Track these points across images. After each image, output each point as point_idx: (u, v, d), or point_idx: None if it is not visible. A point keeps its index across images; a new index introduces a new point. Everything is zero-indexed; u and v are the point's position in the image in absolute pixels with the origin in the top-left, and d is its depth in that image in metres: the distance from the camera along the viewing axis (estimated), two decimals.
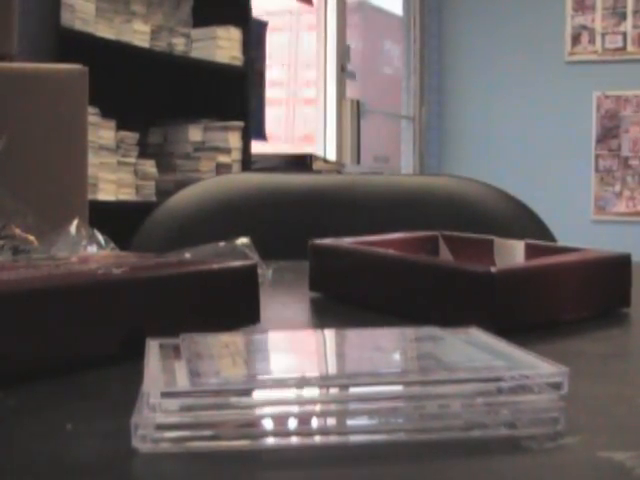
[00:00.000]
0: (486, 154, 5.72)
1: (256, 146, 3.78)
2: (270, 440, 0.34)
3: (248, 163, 3.60)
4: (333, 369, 0.41)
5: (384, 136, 5.86)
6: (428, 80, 5.84)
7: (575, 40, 5.59)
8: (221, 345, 0.42)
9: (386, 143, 5.89)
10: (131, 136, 3.21)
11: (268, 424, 0.34)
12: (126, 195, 3.15)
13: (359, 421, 0.34)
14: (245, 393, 0.34)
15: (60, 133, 0.86)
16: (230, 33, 3.52)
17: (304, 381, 0.35)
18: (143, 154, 3.31)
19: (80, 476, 0.31)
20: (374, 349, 0.43)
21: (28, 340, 0.44)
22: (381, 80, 5.63)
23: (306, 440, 0.34)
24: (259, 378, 0.36)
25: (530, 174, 5.51)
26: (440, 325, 0.44)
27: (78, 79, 0.87)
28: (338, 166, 4.22)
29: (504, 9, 5.69)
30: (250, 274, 0.56)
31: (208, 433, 0.33)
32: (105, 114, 3.01)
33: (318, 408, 0.34)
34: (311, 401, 0.34)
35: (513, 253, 0.72)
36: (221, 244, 0.72)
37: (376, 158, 5.67)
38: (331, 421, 0.35)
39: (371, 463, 0.32)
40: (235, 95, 3.57)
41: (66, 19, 2.86)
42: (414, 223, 0.89)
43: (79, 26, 2.91)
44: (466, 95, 5.83)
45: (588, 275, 0.62)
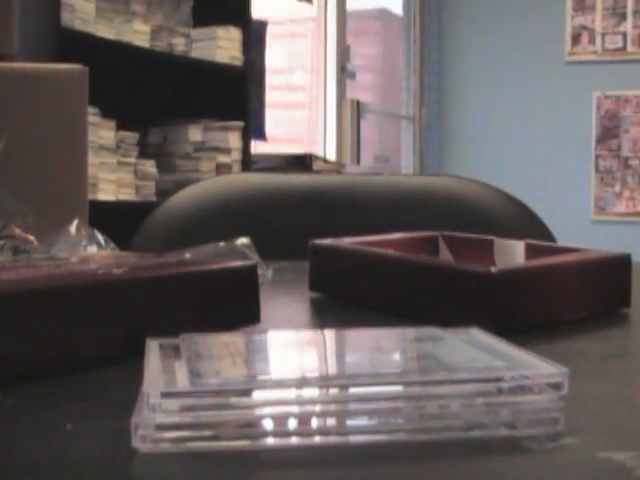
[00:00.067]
0: (486, 154, 5.72)
1: (256, 146, 3.78)
2: (270, 440, 0.34)
3: (248, 163, 3.60)
4: (333, 369, 0.41)
5: (384, 136, 5.86)
6: (428, 80, 5.84)
7: (575, 40, 5.59)
8: (221, 345, 0.42)
9: (386, 143, 5.89)
10: (131, 136, 3.21)
11: (268, 424, 0.34)
12: (126, 195, 3.15)
13: (359, 421, 0.34)
14: (245, 393, 0.34)
15: (60, 133, 0.86)
16: (230, 33, 3.52)
17: (304, 381, 0.35)
18: (143, 154, 3.31)
19: (80, 476, 0.31)
20: (374, 349, 0.43)
21: (28, 340, 0.44)
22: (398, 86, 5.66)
23: (306, 440, 0.34)
24: (259, 378, 0.36)
25: (530, 174, 5.51)
26: (440, 325, 0.44)
27: (78, 79, 0.87)
28: (338, 166, 4.22)
29: (504, 9, 5.69)
30: (250, 274, 0.56)
31: (208, 433, 0.33)
32: (105, 114, 3.01)
33: (318, 408, 0.34)
34: (311, 401, 0.34)
35: (513, 253, 0.72)
36: (221, 244, 0.72)
37: (376, 158, 5.67)
38: (331, 421, 0.35)
39: (371, 463, 0.32)
40: (235, 95, 3.57)
41: (66, 19, 2.86)
42: (414, 223, 0.89)
43: (79, 26, 2.92)
44: (466, 95, 5.83)
45: (588, 275, 0.62)
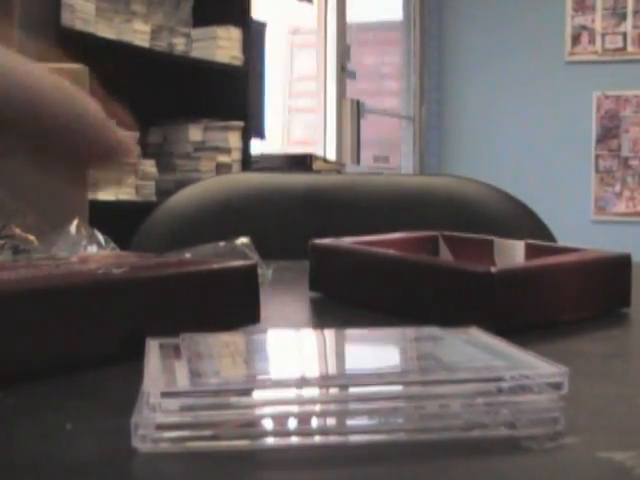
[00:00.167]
0: (486, 154, 5.72)
1: (256, 146, 3.78)
2: (270, 440, 0.34)
3: (248, 163, 3.60)
4: (333, 369, 0.41)
5: (384, 136, 5.86)
6: (428, 80, 5.84)
7: (575, 40, 5.59)
8: (221, 345, 0.42)
9: (386, 143, 5.90)
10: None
11: (268, 424, 0.34)
12: (126, 195, 3.15)
13: (359, 421, 0.34)
14: (245, 393, 0.34)
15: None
16: (230, 33, 3.52)
17: (304, 381, 0.35)
18: (143, 154, 3.31)
19: (80, 476, 0.31)
20: (374, 349, 0.43)
21: (28, 340, 0.44)
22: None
23: (306, 440, 0.34)
24: (259, 378, 0.36)
25: (530, 174, 5.51)
26: (440, 325, 0.44)
27: (78, 79, 0.87)
28: (338, 166, 4.22)
29: (504, 9, 5.69)
30: (250, 274, 0.56)
31: (208, 433, 0.33)
32: None
33: (318, 408, 0.34)
34: (311, 401, 0.34)
35: (513, 253, 0.72)
36: (221, 244, 0.72)
37: (376, 158, 5.67)
38: (331, 421, 0.35)
39: (371, 463, 0.32)
40: (235, 95, 3.57)
41: (66, 19, 2.86)
42: (414, 223, 0.89)
43: (79, 26, 2.91)
44: (466, 95, 5.82)
45: (588, 275, 0.62)
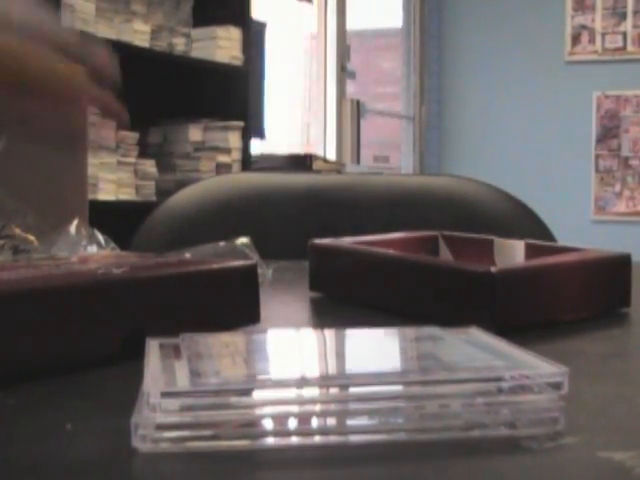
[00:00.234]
0: (486, 154, 5.72)
1: (256, 146, 3.78)
2: (270, 440, 0.34)
3: (248, 163, 3.60)
4: (333, 369, 0.41)
5: (384, 136, 5.86)
6: (428, 80, 5.84)
7: (575, 40, 5.59)
8: (221, 345, 0.42)
9: (386, 143, 5.90)
10: (131, 136, 3.21)
11: (268, 424, 0.34)
12: (126, 195, 3.15)
13: (359, 421, 0.34)
14: (245, 393, 0.34)
15: (60, 133, 0.86)
16: (230, 33, 3.52)
17: (304, 381, 0.35)
18: (143, 154, 3.31)
19: (80, 475, 0.31)
20: (374, 349, 0.43)
21: (28, 340, 0.44)
22: None
23: (306, 440, 0.34)
24: (259, 378, 0.36)
25: (530, 174, 5.51)
26: (440, 325, 0.44)
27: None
28: (338, 166, 4.22)
29: (504, 9, 5.69)
30: (250, 274, 0.56)
31: (208, 433, 0.33)
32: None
33: (318, 408, 0.34)
34: (311, 401, 0.34)
35: (513, 253, 0.72)
36: (221, 244, 0.72)
37: (376, 158, 5.67)
38: (331, 421, 0.35)
39: (371, 463, 0.32)
40: (235, 95, 3.57)
41: (66, 19, 2.86)
42: (414, 223, 0.89)
43: (79, 26, 2.91)
44: (466, 95, 5.82)
45: (588, 275, 0.62)
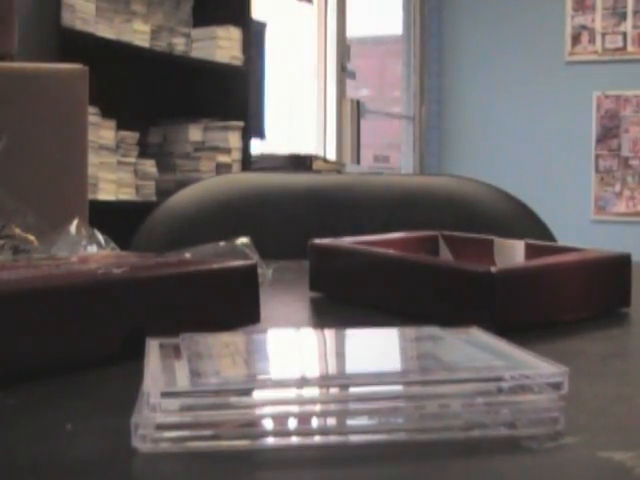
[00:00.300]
0: (486, 154, 5.72)
1: (256, 146, 3.78)
2: (270, 440, 0.33)
3: (248, 163, 3.60)
4: (333, 369, 0.41)
5: (384, 136, 5.86)
6: (428, 80, 5.84)
7: (575, 40, 5.59)
8: (221, 345, 0.42)
9: (386, 143, 5.90)
10: (131, 136, 3.21)
11: (268, 424, 0.34)
12: (126, 195, 3.15)
13: (359, 421, 0.34)
14: (245, 393, 0.34)
15: (60, 133, 0.86)
16: (230, 33, 3.52)
17: (304, 381, 0.35)
18: (143, 154, 3.31)
19: (80, 475, 0.31)
20: (374, 349, 0.43)
21: (28, 340, 0.44)
22: None
23: (306, 440, 0.34)
24: (259, 378, 0.36)
25: (530, 174, 5.51)
26: (440, 325, 0.44)
27: (78, 79, 0.87)
28: (338, 166, 4.22)
29: (504, 9, 5.69)
30: (250, 274, 0.56)
31: (208, 433, 0.33)
32: (105, 114, 3.01)
33: (318, 408, 0.34)
34: (311, 401, 0.34)
35: (513, 253, 0.72)
36: (221, 244, 0.72)
37: (376, 158, 5.67)
38: (331, 421, 0.35)
39: (371, 463, 0.32)
40: (235, 95, 3.57)
41: (66, 19, 2.86)
42: (414, 223, 0.89)
43: (79, 26, 2.92)
44: (466, 95, 5.82)
45: (588, 275, 0.62)
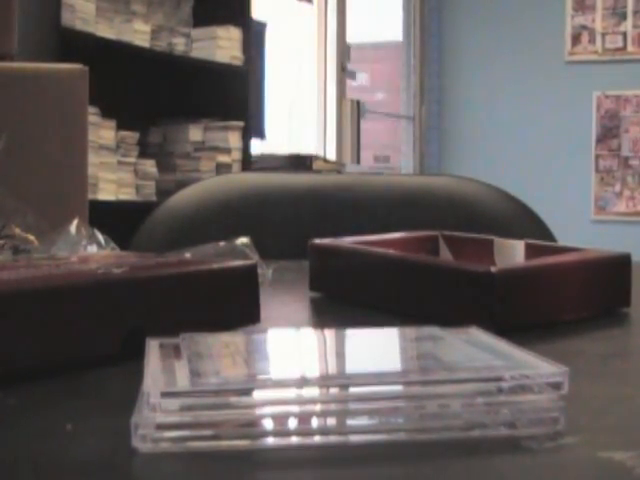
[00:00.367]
0: (486, 154, 5.71)
1: (256, 146, 3.78)
2: (270, 440, 0.33)
3: (248, 163, 3.60)
4: (333, 369, 0.41)
5: (384, 136, 5.86)
6: (428, 80, 5.84)
7: (575, 40, 5.59)
8: (221, 345, 0.42)
9: (386, 143, 5.90)
10: (131, 136, 3.21)
11: (268, 424, 0.34)
12: (126, 195, 3.15)
13: (359, 421, 0.34)
14: (245, 393, 0.34)
15: (60, 133, 0.86)
16: (230, 33, 3.52)
17: (304, 381, 0.35)
18: (143, 154, 3.31)
19: (80, 475, 0.31)
20: (374, 349, 0.43)
21: (28, 340, 0.44)
22: None
23: (306, 440, 0.34)
24: (259, 378, 0.36)
25: (530, 174, 5.51)
26: (440, 325, 0.44)
27: (78, 79, 0.87)
28: (338, 166, 4.22)
29: (504, 9, 5.69)
30: (250, 274, 0.56)
31: (208, 433, 0.33)
32: (105, 114, 3.01)
33: (318, 408, 0.34)
34: (311, 401, 0.34)
35: (513, 253, 0.72)
36: (221, 244, 0.72)
37: (376, 158, 5.67)
38: (331, 421, 0.35)
39: (371, 463, 0.32)
40: (235, 95, 3.57)
41: (66, 19, 2.86)
42: (414, 223, 0.89)
43: (79, 26, 2.92)
44: (466, 95, 5.82)
45: (588, 275, 0.62)
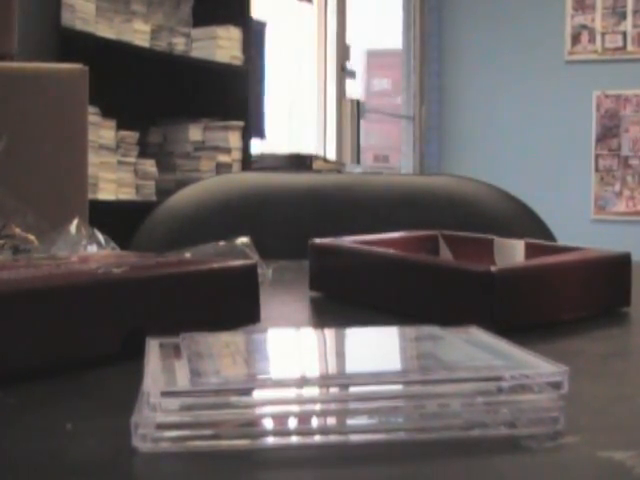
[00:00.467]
0: (486, 154, 5.71)
1: (256, 146, 3.78)
2: (270, 439, 0.34)
3: (248, 163, 3.60)
4: (333, 368, 0.41)
5: (384, 136, 5.86)
6: (428, 80, 5.83)
7: (575, 39, 5.59)
8: (221, 344, 0.42)
9: (386, 143, 5.90)
10: (131, 135, 3.21)
11: (268, 423, 0.34)
12: (126, 195, 3.15)
13: (359, 420, 0.34)
14: (245, 392, 0.34)
15: (60, 133, 0.86)
16: (230, 32, 3.52)
17: (304, 380, 0.35)
18: (143, 154, 3.31)
19: (80, 475, 0.31)
20: (374, 348, 0.43)
21: (28, 340, 0.44)
22: None
23: (306, 439, 0.34)
24: (259, 377, 0.36)
25: (530, 174, 5.51)
26: (440, 324, 0.44)
27: (78, 79, 0.87)
28: (338, 166, 4.22)
29: (504, 9, 5.69)
30: (250, 273, 0.56)
31: (208, 432, 0.33)
32: (105, 114, 3.01)
33: (318, 407, 0.34)
34: (311, 400, 0.34)
35: (513, 252, 0.72)
36: (221, 243, 0.72)
37: (376, 158, 5.67)
38: (331, 420, 0.35)
39: (371, 463, 0.32)
40: (235, 95, 3.57)
41: (66, 19, 2.86)
42: (414, 223, 0.89)
43: (79, 26, 2.92)
44: (466, 95, 5.82)
45: (588, 275, 0.62)
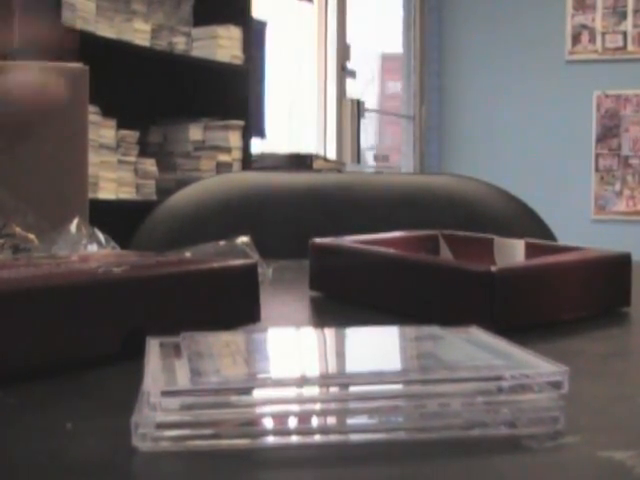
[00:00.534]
0: (486, 154, 5.71)
1: (256, 145, 3.78)
2: (270, 439, 0.34)
3: (248, 162, 3.60)
4: (333, 368, 0.41)
5: (384, 136, 5.86)
6: (428, 80, 5.83)
7: (575, 39, 5.59)
8: (221, 344, 0.42)
9: (386, 143, 5.90)
10: (131, 135, 3.21)
11: (268, 423, 0.34)
12: (126, 194, 3.15)
13: (359, 420, 0.34)
14: (245, 392, 0.34)
15: (61, 132, 0.86)
16: (230, 32, 3.52)
17: (304, 380, 0.35)
18: (143, 153, 3.31)
19: (80, 475, 0.31)
20: (374, 348, 0.43)
21: (28, 339, 0.44)
22: None
23: (306, 439, 0.34)
24: (259, 377, 0.36)
25: (530, 173, 5.50)
26: (440, 324, 0.44)
27: (78, 78, 0.87)
28: (338, 165, 4.22)
29: (504, 9, 5.69)
30: (250, 273, 0.56)
31: (208, 432, 0.33)
32: (106, 113, 3.01)
33: (318, 407, 0.34)
34: (311, 400, 0.34)
35: (513, 252, 0.72)
36: (221, 243, 0.72)
37: (376, 157, 5.67)
38: (331, 420, 0.35)
39: (371, 462, 0.32)
40: (235, 94, 3.57)
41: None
42: (414, 222, 0.89)
43: (80, 25, 2.92)
44: (466, 95, 5.82)
45: (588, 274, 0.62)
